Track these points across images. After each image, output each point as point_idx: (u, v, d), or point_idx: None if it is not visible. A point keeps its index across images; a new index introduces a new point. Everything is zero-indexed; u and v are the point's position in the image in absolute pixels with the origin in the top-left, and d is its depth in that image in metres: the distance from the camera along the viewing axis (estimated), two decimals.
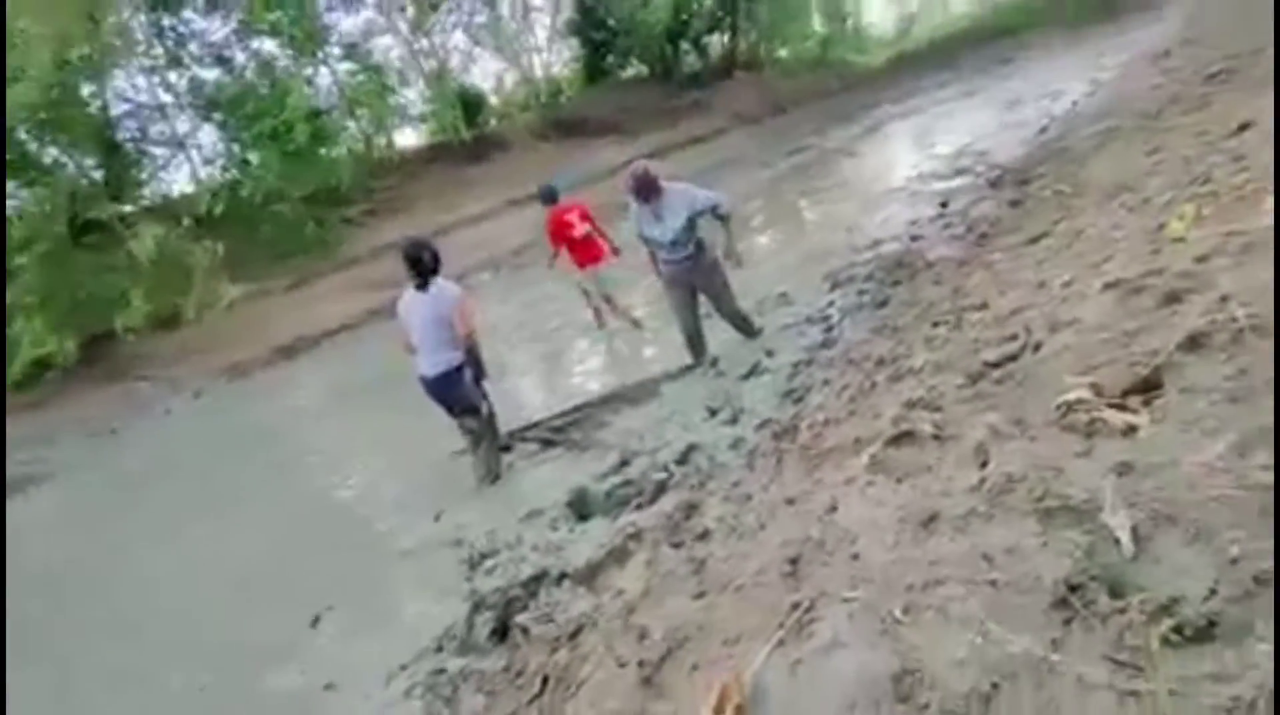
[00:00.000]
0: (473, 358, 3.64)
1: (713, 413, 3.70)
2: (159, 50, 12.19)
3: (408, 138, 16.99)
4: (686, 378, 4.36)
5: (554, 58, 19.53)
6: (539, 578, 2.63)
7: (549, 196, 6.14)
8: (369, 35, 15.34)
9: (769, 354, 4.33)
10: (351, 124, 14.95)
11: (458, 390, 3.60)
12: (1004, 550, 1.52)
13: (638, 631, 2.13)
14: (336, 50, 14.52)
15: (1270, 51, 4.05)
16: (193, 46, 12.61)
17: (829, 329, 4.43)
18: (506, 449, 3.97)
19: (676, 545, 2.57)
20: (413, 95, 16.26)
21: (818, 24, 23.55)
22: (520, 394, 4.72)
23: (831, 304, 4.93)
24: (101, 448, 8.03)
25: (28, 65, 9.09)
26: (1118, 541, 1.31)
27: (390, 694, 2.29)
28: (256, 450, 6.34)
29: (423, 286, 3.51)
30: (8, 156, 9.41)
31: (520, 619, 2.40)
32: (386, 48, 15.67)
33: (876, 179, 9.88)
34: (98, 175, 10.88)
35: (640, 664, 1.98)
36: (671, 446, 3.36)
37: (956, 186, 7.17)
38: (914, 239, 5.72)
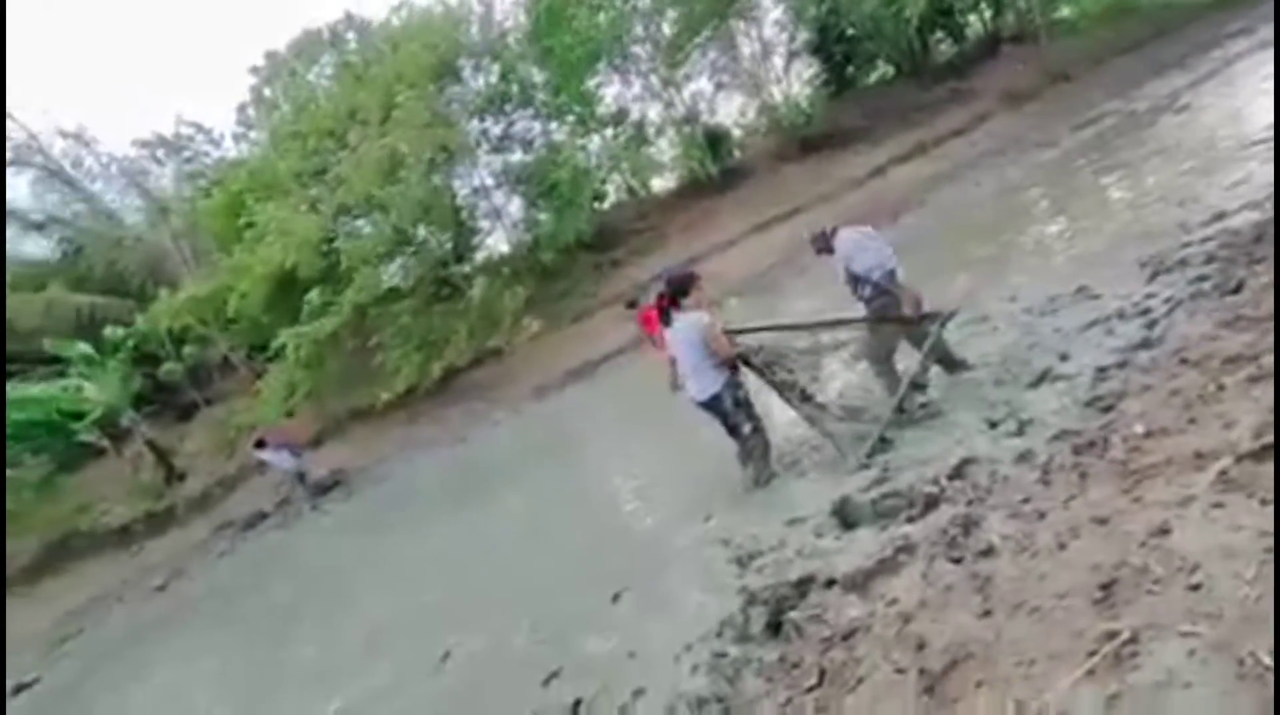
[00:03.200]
0: (735, 379, 3.86)
1: (993, 425, 3.35)
2: (484, 145, 15.68)
3: (664, 182, 18.68)
4: (958, 388, 4.01)
5: (793, 80, 19.63)
6: (807, 580, 2.71)
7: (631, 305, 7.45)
8: (626, 98, 17.44)
9: (1063, 358, 3.76)
10: (617, 177, 17.06)
11: (721, 412, 3.86)
12: None
13: (915, 641, 2.08)
14: (603, 117, 16.80)
15: None
16: (507, 137, 15.92)
17: (1150, 325, 3.67)
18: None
19: (955, 560, 2.43)
20: (665, 144, 17.89)
21: None
22: (773, 411, 4.85)
23: (1152, 296, 4.06)
24: (455, 451, 10.44)
25: (412, 183, 12.45)
26: None
27: (681, 669, 2.59)
28: (559, 455, 7.64)
29: (668, 321, 3.86)
30: (390, 237, 12.83)
31: (792, 616, 2.51)
32: (643, 108, 17.61)
33: (1218, 136, 7.78)
34: (448, 245, 14.27)
35: (921, 672, 1.94)
36: (943, 459, 3.15)
37: None
38: None
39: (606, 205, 17.70)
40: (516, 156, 16.02)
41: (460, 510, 7.31)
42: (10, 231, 15.10)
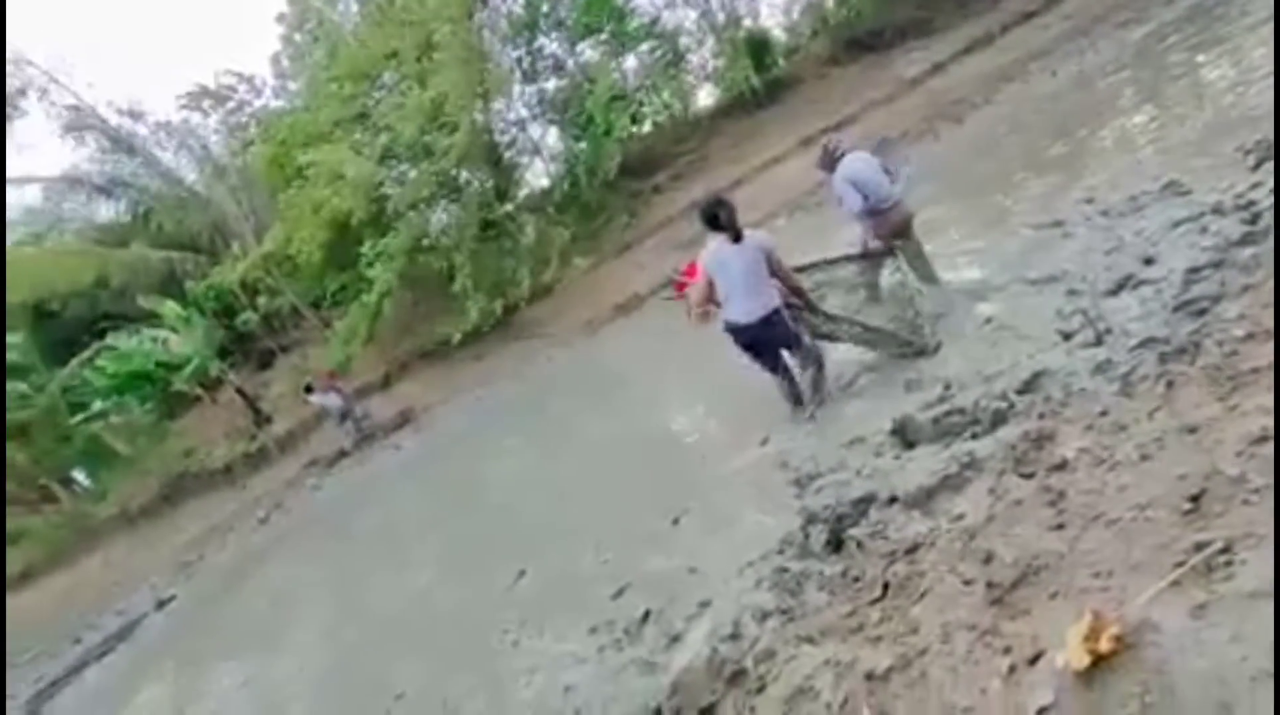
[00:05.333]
0: (803, 297, 3.85)
1: (1066, 336, 3.18)
2: (517, 74, 15.17)
3: (706, 98, 17.72)
4: (1025, 299, 3.81)
5: None
6: (868, 499, 2.72)
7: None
8: (659, 6, 16.32)
9: (1147, 262, 3.48)
10: (655, 99, 16.30)
11: (780, 329, 3.76)
12: None
13: (983, 554, 2.08)
14: (636, 30, 15.86)
15: None
16: (538, 64, 15.33)
17: (1252, 219, 3.33)
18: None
19: (1026, 475, 2.38)
20: (705, 55, 16.85)
21: None
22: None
23: (1257, 185, 3.66)
24: (515, 386, 10.82)
25: (458, 121, 12.24)
26: None
27: (743, 583, 2.69)
28: (613, 388, 7.84)
29: (736, 239, 3.69)
30: (433, 181, 12.82)
31: (853, 533, 2.54)
32: (679, 16, 16.48)
33: None
34: (489, 185, 14.17)
35: (989, 585, 1.94)
36: (1011, 373, 3.03)
37: None
38: None
39: (645, 129, 17.01)
40: (550, 84, 15.45)
41: (524, 442, 7.64)
42: (79, 197, 15.90)
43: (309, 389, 12.36)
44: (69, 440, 14.27)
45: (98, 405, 13.49)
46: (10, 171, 14.44)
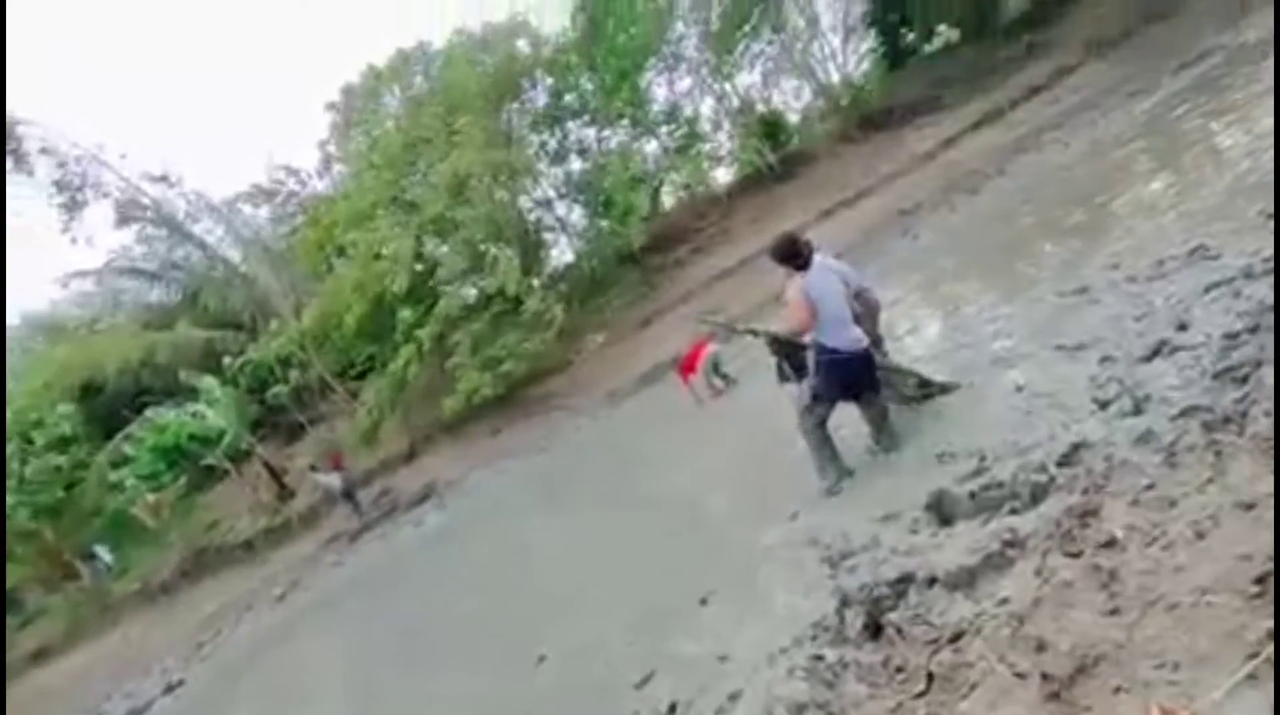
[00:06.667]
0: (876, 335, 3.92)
1: (1103, 405, 3.08)
2: (543, 158, 16.08)
3: (724, 176, 18.46)
4: (1055, 367, 3.73)
5: (849, 58, 18.92)
6: (906, 579, 2.58)
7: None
8: (678, 95, 17.35)
9: (1181, 327, 3.40)
10: (675, 177, 17.03)
11: (871, 363, 3.71)
12: None
13: (1034, 642, 1.94)
14: (656, 116, 16.81)
15: None
16: (564, 147, 16.25)
17: None
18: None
19: (1073, 554, 2.24)
20: (722, 137, 17.70)
21: None
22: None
23: None
24: (538, 458, 10.76)
25: (478, 202, 13.00)
26: None
27: (775, 672, 2.53)
28: (637, 458, 7.77)
29: (820, 262, 3.71)
30: (465, 255, 13.35)
31: (892, 617, 2.40)
32: (695, 103, 17.47)
33: None
34: (516, 261, 14.68)
35: (1045, 677, 1.80)
36: (1049, 444, 2.92)
37: None
38: None
39: (667, 206, 17.69)
40: (576, 166, 16.29)
41: (547, 516, 7.51)
42: (135, 283, 17.32)
43: (314, 468, 12.97)
44: (98, 514, 14.46)
45: (130, 481, 13.77)
46: (70, 261, 15.63)
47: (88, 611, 13.36)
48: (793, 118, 19.30)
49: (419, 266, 13.32)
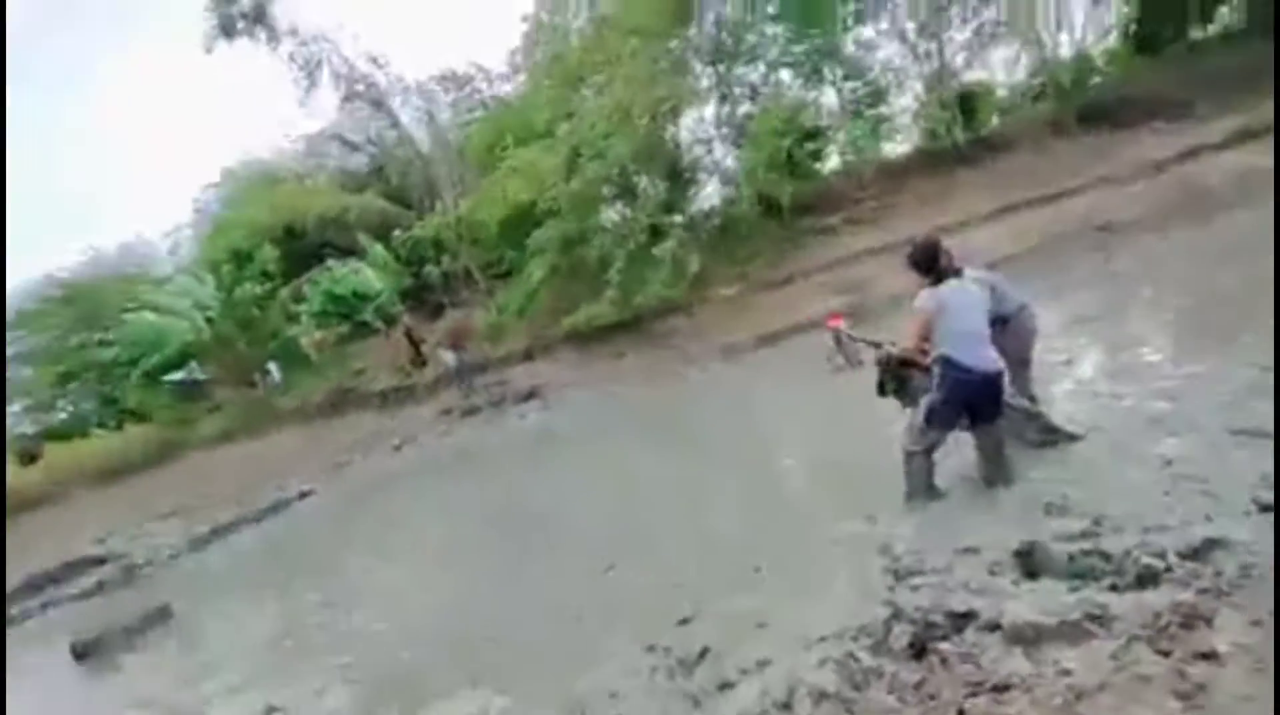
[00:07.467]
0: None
1: (1263, 508, 2.70)
2: (713, 94, 15.58)
3: (902, 145, 16.93)
4: (1230, 445, 3.27)
5: (1088, 31, 16.06)
6: (967, 616, 2.53)
7: None
8: (872, 48, 15.84)
9: None
10: (844, 136, 15.85)
11: (1001, 389, 3.49)
12: None
13: None
14: (840, 70, 15.55)
15: None
16: (736, 88, 15.60)
17: None
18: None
19: (1162, 652, 2.09)
20: (907, 101, 16.12)
21: None
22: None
23: None
24: (645, 390, 11.16)
25: (634, 135, 13.01)
26: None
27: (809, 657, 2.62)
28: (739, 419, 7.83)
29: (958, 278, 3.52)
30: (604, 180, 13.58)
31: (941, 646, 2.39)
32: (889, 59, 15.88)
33: None
34: (663, 195, 14.72)
35: None
36: (1180, 530, 2.65)
37: None
38: None
39: (830, 167, 16.61)
40: (743, 108, 15.60)
41: (638, 447, 7.91)
42: (340, 150, 20.28)
43: (439, 345, 14.51)
44: (276, 337, 17.29)
45: (304, 317, 16.46)
46: (292, 126, 18.34)
47: (258, 414, 16.14)
48: (1000, 93, 17.05)
49: (569, 184, 13.69)
